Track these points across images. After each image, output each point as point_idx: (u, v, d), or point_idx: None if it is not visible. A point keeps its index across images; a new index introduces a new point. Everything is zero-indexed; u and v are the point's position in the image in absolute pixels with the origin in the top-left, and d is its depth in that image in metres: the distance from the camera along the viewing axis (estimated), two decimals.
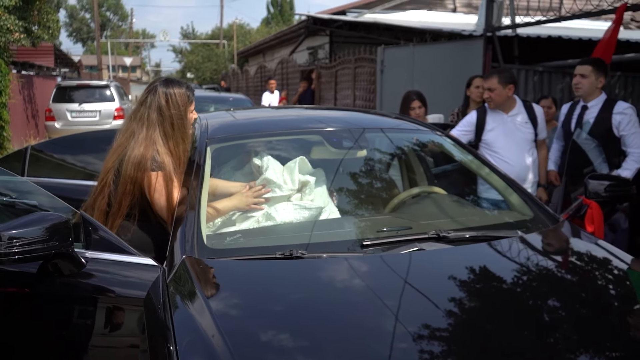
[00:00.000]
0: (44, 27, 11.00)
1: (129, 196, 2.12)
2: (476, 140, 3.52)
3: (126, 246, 1.79)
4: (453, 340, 1.43)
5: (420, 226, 2.04)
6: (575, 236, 2.10)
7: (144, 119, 2.18)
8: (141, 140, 2.14)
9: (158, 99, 2.17)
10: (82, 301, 1.74)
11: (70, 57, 23.44)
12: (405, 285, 1.62)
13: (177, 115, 2.19)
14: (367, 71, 9.41)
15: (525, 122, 3.43)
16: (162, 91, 2.19)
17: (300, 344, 1.40)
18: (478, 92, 4.38)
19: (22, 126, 11.93)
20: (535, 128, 3.44)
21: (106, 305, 1.76)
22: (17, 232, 1.53)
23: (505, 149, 3.40)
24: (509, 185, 2.41)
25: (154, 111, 2.17)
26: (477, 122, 3.49)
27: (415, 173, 2.90)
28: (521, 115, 3.45)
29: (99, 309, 1.77)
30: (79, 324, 1.75)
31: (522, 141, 3.41)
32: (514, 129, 3.42)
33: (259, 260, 1.75)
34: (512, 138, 3.41)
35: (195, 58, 33.39)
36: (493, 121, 3.46)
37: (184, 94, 2.22)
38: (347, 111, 3.76)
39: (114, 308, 1.75)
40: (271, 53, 19.69)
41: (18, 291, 1.75)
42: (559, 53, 6.64)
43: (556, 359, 1.34)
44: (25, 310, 1.78)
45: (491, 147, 3.45)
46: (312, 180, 2.24)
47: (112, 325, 1.78)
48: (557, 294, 1.66)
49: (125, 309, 1.73)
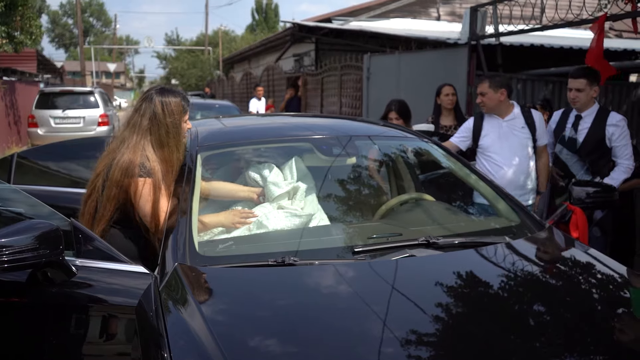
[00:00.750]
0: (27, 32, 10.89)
1: (113, 201, 2.13)
2: (474, 146, 3.55)
3: (117, 254, 1.78)
4: (444, 345, 1.46)
5: (410, 233, 2.07)
6: (560, 242, 2.14)
7: (136, 126, 2.19)
8: (131, 147, 2.15)
9: (154, 107, 2.19)
10: (73, 310, 1.73)
11: (53, 63, 23.18)
12: (397, 291, 1.63)
13: (172, 124, 2.20)
14: (353, 78, 9.48)
15: (521, 127, 3.46)
16: (159, 100, 2.20)
17: (293, 349, 1.41)
18: (448, 100, 4.53)
19: (4, 133, 11.76)
20: (533, 134, 3.47)
21: (98, 313, 1.75)
22: (7, 241, 1.52)
23: (500, 154, 3.43)
24: (496, 192, 2.45)
25: (146, 119, 2.19)
26: (474, 128, 3.53)
27: (403, 180, 2.93)
28: (518, 120, 3.48)
29: (91, 318, 1.75)
30: (70, 332, 1.74)
31: (518, 146, 3.43)
32: (509, 134, 3.44)
33: (251, 267, 1.76)
34: (507, 143, 3.43)
35: (180, 64, 33.25)
36: (489, 126, 3.49)
37: (179, 103, 2.24)
38: (336, 119, 3.79)
39: (106, 316, 1.74)
40: (257, 60, 19.71)
41: (7, 300, 1.73)
42: (541, 61, 6.77)
43: None
44: (15, 320, 1.76)
45: (486, 151, 3.48)
46: (303, 186, 2.26)
47: (104, 333, 1.76)
48: (544, 299, 1.70)
49: (117, 316, 1.72)
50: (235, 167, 2.60)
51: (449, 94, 4.54)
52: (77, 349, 1.74)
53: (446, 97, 4.53)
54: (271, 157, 2.59)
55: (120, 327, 1.73)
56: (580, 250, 2.06)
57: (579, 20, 4.61)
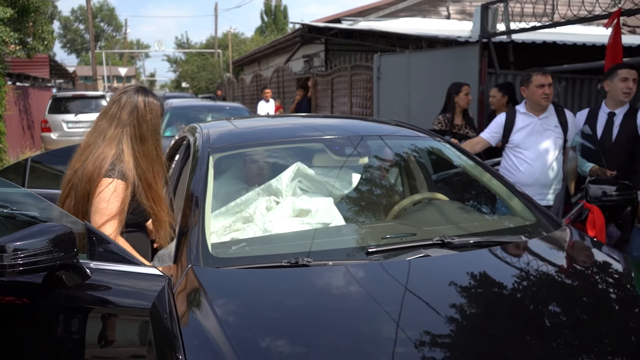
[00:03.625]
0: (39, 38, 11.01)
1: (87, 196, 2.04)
2: (503, 141, 3.52)
3: (131, 256, 1.78)
4: (462, 347, 1.44)
5: (425, 232, 2.05)
6: (577, 240, 2.11)
7: (115, 118, 2.08)
8: (107, 139, 2.06)
9: (136, 102, 2.09)
10: (87, 312, 1.73)
11: (65, 68, 23.42)
12: (413, 292, 1.62)
13: (152, 122, 2.11)
14: (363, 78, 9.45)
15: (555, 126, 3.42)
16: (141, 97, 2.11)
17: (307, 351, 1.40)
18: (467, 99, 4.54)
19: (18, 137, 11.89)
20: (565, 133, 3.43)
21: (112, 315, 1.75)
22: (22, 244, 1.52)
23: (530, 150, 3.39)
24: (511, 191, 2.42)
25: (126, 112, 2.08)
26: (506, 123, 3.49)
27: (416, 180, 2.91)
28: (552, 118, 3.44)
29: (105, 320, 1.75)
30: (85, 335, 1.74)
31: (549, 144, 3.39)
32: (542, 132, 3.41)
33: (265, 268, 1.75)
34: (538, 140, 3.40)
35: (190, 67, 33.42)
36: (522, 122, 3.45)
37: (159, 107, 2.16)
38: (347, 119, 3.77)
39: (120, 318, 1.74)
40: (266, 62, 19.75)
41: (23, 303, 1.74)
42: (553, 58, 6.69)
43: None
44: (30, 322, 1.77)
45: (516, 147, 3.44)
46: (314, 209, 2.24)
47: (118, 335, 1.76)
48: (561, 299, 1.67)
49: (131, 319, 1.72)
50: (247, 168, 2.59)
51: (469, 93, 4.55)
52: (92, 351, 1.74)
53: (466, 96, 4.53)
54: (283, 158, 2.59)
55: (135, 329, 1.73)
56: (597, 249, 2.03)
57: (592, 17, 4.55)
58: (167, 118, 8.05)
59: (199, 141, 2.46)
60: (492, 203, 2.74)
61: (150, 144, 2.12)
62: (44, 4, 11.06)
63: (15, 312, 1.77)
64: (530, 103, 3.46)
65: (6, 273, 1.50)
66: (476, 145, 3.62)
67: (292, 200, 2.26)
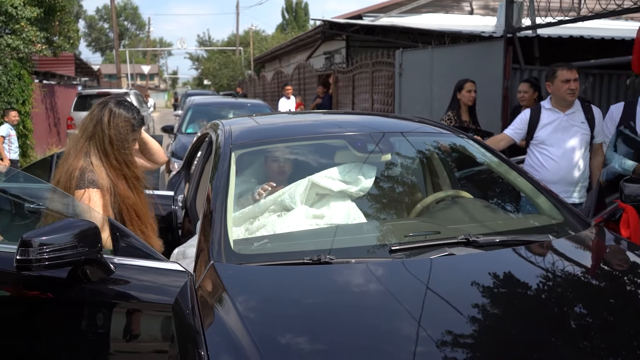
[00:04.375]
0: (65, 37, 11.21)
1: None
2: (528, 138, 3.45)
3: (154, 252, 1.79)
4: (487, 348, 1.40)
5: (449, 230, 2.01)
6: (608, 241, 2.04)
7: (84, 130, 2.15)
8: (76, 150, 2.12)
9: (102, 115, 2.13)
10: (111, 307, 1.74)
11: (90, 66, 23.82)
12: (437, 291, 1.59)
13: (116, 137, 2.13)
14: (385, 75, 9.38)
15: (581, 122, 3.34)
16: (109, 109, 2.14)
17: (328, 349, 1.38)
18: (470, 96, 4.49)
19: (45, 134, 12.14)
20: (591, 130, 3.34)
21: (135, 310, 1.76)
22: (47, 239, 1.54)
23: (556, 147, 3.32)
24: (537, 188, 2.37)
25: (92, 124, 2.14)
26: (531, 119, 3.41)
27: (439, 177, 2.87)
28: (578, 114, 3.36)
29: (128, 315, 1.77)
30: (108, 329, 1.75)
31: (576, 141, 3.31)
32: (568, 128, 3.33)
33: (287, 265, 1.74)
34: (564, 136, 3.32)
35: (212, 65, 33.69)
36: (547, 118, 3.37)
37: (128, 119, 2.16)
38: (369, 115, 3.74)
39: (143, 314, 1.75)
40: (287, 58, 19.77)
41: (48, 297, 1.76)
42: (580, 53, 6.53)
43: None
44: (54, 316, 1.79)
45: (541, 144, 3.37)
46: (329, 214, 2.22)
47: (141, 330, 1.77)
48: (589, 301, 1.62)
49: (154, 314, 1.73)
50: (269, 165, 2.58)
51: (472, 90, 4.49)
52: (115, 346, 1.76)
53: (468, 93, 4.49)
54: (305, 155, 2.57)
55: (157, 324, 1.74)
56: (629, 250, 1.96)
57: (621, 10, 4.43)
58: (189, 115, 8.11)
59: (221, 137, 2.45)
60: (518, 201, 2.68)
61: (112, 159, 2.14)
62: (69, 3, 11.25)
63: (41, 306, 1.79)
64: (555, 99, 3.38)
65: (32, 267, 1.52)
66: (500, 142, 3.55)
67: (304, 208, 2.23)
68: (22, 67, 9.44)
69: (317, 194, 2.34)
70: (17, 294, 1.79)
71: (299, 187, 2.30)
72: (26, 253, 1.51)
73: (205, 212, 2.04)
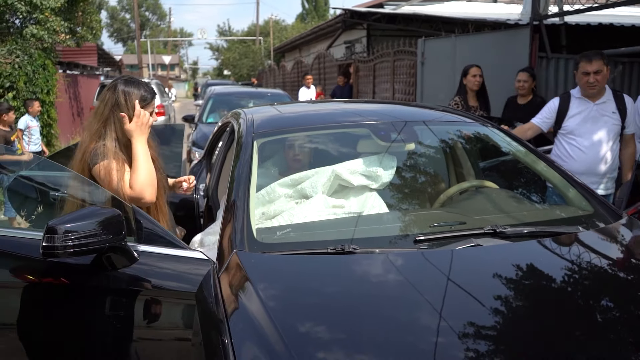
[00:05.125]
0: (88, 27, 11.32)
1: None
2: (556, 127, 3.37)
3: (177, 240, 1.79)
4: (513, 340, 1.37)
5: (475, 221, 1.97)
6: None
7: (98, 115, 2.15)
8: (91, 135, 2.13)
9: (116, 97, 2.14)
10: (134, 294, 1.75)
11: (112, 57, 24.08)
12: (464, 282, 1.55)
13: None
14: (406, 64, 9.26)
15: (612, 112, 3.24)
16: (121, 90, 2.15)
17: (352, 338, 1.36)
18: (475, 81, 4.48)
19: (68, 124, 12.32)
20: (623, 120, 3.25)
21: (158, 298, 1.76)
22: (72, 226, 1.55)
23: (584, 137, 3.24)
24: (566, 179, 2.30)
25: (108, 108, 2.14)
26: (559, 108, 3.33)
27: (462, 167, 2.82)
28: (609, 104, 3.26)
29: (151, 302, 1.77)
30: (132, 316, 1.76)
31: (605, 131, 3.22)
32: (598, 118, 3.24)
33: (310, 254, 1.72)
34: (594, 126, 3.23)
35: (232, 55, 33.78)
36: (577, 108, 3.29)
37: (141, 95, 2.16)
38: (392, 104, 3.69)
39: (166, 301, 1.76)
40: (307, 48, 19.68)
41: (73, 284, 1.78)
42: (609, 41, 6.34)
43: None
44: (79, 303, 1.81)
45: (570, 134, 3.29)
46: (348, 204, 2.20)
47: (165, 318, 1.78)
48: (621, 295, 1.57)
49: (177, 302, 1.73)
50: (292, 153, 2.56)
51: (477, 75, 4.48)
52: (138, 333, 1.76)
53: (473, 77, 4.48)
54: (328, 143, 2.54)
55: (181, 312, 1.75)
56: None
57: None
58: (210, 105, 8.13)
59: (243, 126, 2.44)
60: (544, 192, 2.62)
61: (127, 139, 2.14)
62: None
63: (66, 292, 1.81)
64: (580, 89, 3.30)
65: (58, 254, 1.53)
66: (527, 132, 3.47)
67: (324, 197, 2.21)
68: (47, 57, 9.57)
69: (339, 185, 2.32)
70: (43, 281, 1.81)
71: (321, 176, 2.27)
72: (52, 240, 1.52)
73: (227, 200, 2.04)
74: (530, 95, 4.58)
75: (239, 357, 1.28)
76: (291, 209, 2.14)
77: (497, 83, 5.56)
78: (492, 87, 4.96)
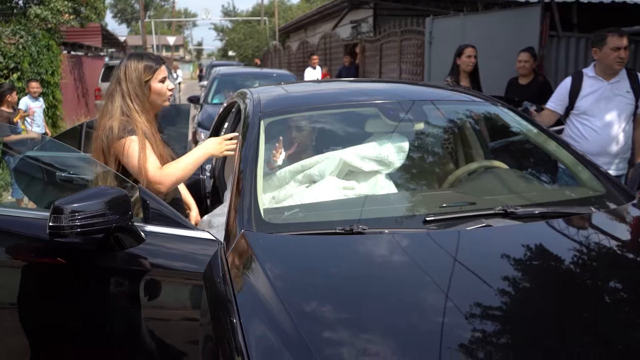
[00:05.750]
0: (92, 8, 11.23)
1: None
2: (568, 108, 3.29)
3: (184, 220, 1.78)
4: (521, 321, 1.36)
5: (485, 202, 1.94)
6: None
7: (113, 94, 2.17)
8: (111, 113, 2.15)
9: (118, 73, 2.17)
10: (142, 274, 1.75)
11: (116, 38, 23.91)
12: (474, 263, 1.53)
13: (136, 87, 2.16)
14: (414, 44, 9.14)
15: (626, 91, 3.18)
16: (132, 66, 2.17)
17: (362, 318, 1.35)
18: (469, 62, 4.34)
19: (74, 105, 12.30)
20: (637, 99, 3.18)
21: (166, 278, 1.76)
22: (79, 206, 1.54)
23: (597, 117, 3.17)
24: (577, 159, 2.27)
25: (115, 84, 2.17)
26: (572, 88, 3.25)
27: (471, 147, 2.78)
28: (623, 82, 3.19)
29: (159, 283, 1.77)
30: (139, 296, 1.76)
31: (619, 111, 3.15)
32: (612, 97, 3.17)
33: (318, 235, 1.70)
34: (607, 106, 3.17)
35: (236, 36, 33.50)
36: (590, 87, 3.21)
37: (139, 66, 2.17)
38: (400, 83, 3.64)
39: (174, 281, 1.75)
40: (313, 28, 19.47)
41: (80, 264, 1.78)
42: (622, 20, 6.22)
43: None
44: (86, 283, 1.81)
45: (582, 114, 3.23)
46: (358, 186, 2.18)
47: (172, 298, 1.78)
48: (631, 277, 1.55)
49: (185, 282, 1.73)
50: (299, 133, 2.53)
51: (472, 55, 4.35)
52: (146, 312, 1.76)
53: (468, 58, 4.35)
54: (336, 123, 2.51)
55: (189, 292, 1.74)
56: None
57: None
58: (215, 85, 8.08)
59: (250, 106, 2.41)
60: (556, 172, 2.58)
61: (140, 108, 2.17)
62: None
63: (73, 272, 1.81)
64: (601, 66, 3.21)
65: (64, 234, 1.53)
66: (545, 119, 3.35)
67: (334, 179, 2.18)
68: (51, 38, 9.51)
69: (349, 171, 2.29)
70: (50, 261, 1.80)
71: (329, 164, 2.25)
72: (58, 220, 1.51)
73: (234, 181, 2.02)
74: (532, 75, 4.49)
75: (248, 336, 1.28)
76: (301, 192, 2.12)
77: (506, 63, 5.47)
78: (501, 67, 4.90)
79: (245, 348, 1.24)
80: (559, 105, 3.33)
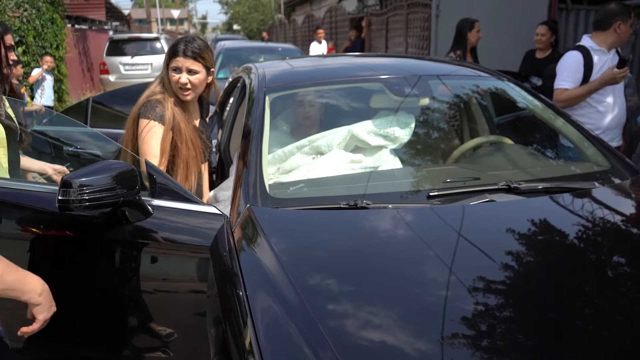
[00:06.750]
0: None
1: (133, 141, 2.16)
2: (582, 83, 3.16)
3: (191, 195, 1.80)
4: (525, 295, 1.38)
5: (489, 177, 1.95)
6: None
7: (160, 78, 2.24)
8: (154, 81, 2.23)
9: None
10: (150, 248, 1.78)
11: (120, 11, 23.67)
12: (477, 238, 1.55)
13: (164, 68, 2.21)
14: (420, 17, 9.00)
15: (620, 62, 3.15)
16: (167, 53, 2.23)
17: (366, 291, 1.37)
18: (479, 37, 4.34)
19: (79, 79, 12.27)
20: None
21: (173, 252, 1.79)
22: (87, 180, 1.56)
23: (607, 91, 3.10)
24: (582, 134, 2.26)
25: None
26: (586, 64, 3.12)
27: (477, 122, 2.77)
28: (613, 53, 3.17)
29: (167, 256, 1.80)
30: (147, 270, 1.79)
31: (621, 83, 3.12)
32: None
33: (323, 209, 1.72)
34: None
35: (241, 9, 33.09)
36: (600, 61, 3.15)
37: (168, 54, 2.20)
38: (406, 58, 3.61)
39: (181, 255, 1.78)
40: (319, 1, 19.18)
41: (88, 236, 1.81)
42: None
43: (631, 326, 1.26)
44: (93, 256, 1.84)
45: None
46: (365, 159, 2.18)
47: (179, 271, 1.81)
48: (634, 251, 1.56)
49: (191, 255, 1.75)
50: (304, 108, 2.53)
51: (480, 30, 4.33)
52: (153, 285, 1.80)
53: (477, 33, 4.32)
54: (341, 98, 2.50)
55: (195, 265, 1.77)
56: None
57: None
58: (220, 60, 8.02)
59: (255, 81, 2.41)
60: (561, 147, 2.57)
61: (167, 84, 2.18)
62: None
63: (82, 245, 1.84)
64: (610, 39, 3.12)
65: (73, 207, 1.55)
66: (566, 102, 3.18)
67: (341, 152, 2.19)
68: (55, 11, 9.43)
69: (355, 145, 2.30)
70: (59, 234, 1.84)
71: (336, 135, 2.25)
72: (67, 194, 1.54)
73: (239, 156, 2.03)
74: (550, 49, 4.43)
75: (254, 308, 1.30)
76: (308, 164, 2.13)
77: (514, 37, 5.40)
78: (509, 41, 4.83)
79: (251, 319, 1.27)
80: (576, 82, 3.15)
